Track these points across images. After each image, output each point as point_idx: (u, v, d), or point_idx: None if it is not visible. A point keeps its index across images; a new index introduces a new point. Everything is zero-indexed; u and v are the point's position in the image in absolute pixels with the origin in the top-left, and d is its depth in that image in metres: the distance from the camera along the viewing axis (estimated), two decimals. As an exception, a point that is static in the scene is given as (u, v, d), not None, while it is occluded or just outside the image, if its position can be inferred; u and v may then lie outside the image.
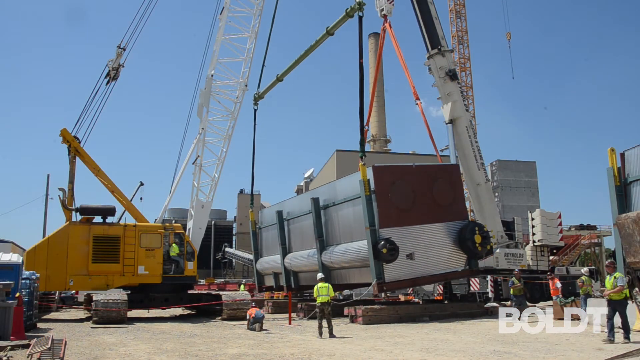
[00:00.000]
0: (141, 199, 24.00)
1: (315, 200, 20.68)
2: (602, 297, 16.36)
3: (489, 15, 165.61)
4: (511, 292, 18.21)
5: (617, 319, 14.69)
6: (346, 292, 30.81)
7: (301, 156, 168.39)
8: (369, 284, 18.37)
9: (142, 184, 23.69)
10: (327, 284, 14.02)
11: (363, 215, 17.92)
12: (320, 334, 13.56)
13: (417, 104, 22.28)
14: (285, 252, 23.56)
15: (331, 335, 13.51)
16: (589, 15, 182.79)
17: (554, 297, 17.96)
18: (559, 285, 17.96)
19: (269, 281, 26.74)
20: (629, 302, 12.57)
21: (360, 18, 19.08)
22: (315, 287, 14.04)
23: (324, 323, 13.65)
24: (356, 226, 18.95)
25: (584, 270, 19.07)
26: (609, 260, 13.63)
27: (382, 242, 17.45)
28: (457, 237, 19.55)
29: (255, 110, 27.74)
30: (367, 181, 17.77)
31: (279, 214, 23.72)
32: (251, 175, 28.28)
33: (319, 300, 13.66)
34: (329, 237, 20.63)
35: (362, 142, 18.54)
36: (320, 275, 14.86)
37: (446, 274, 19.76)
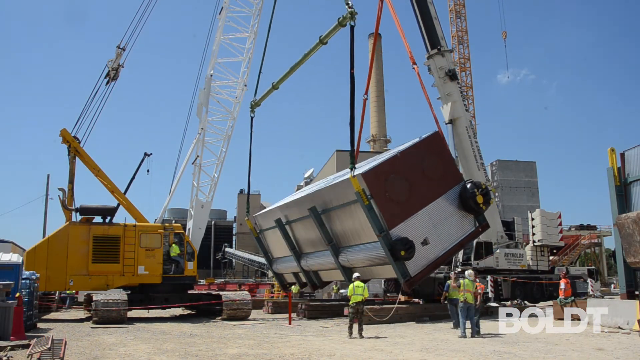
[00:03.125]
0: (148, 171, 23.51)
1: (314, 210, 20.25)
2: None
3: (490, 15, 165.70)
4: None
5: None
6: (343, 291, 30.79)
7: (301, 156, 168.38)
8: (394, 278, 18.39)
9: (148, 155, 23.38)
10: (363, 284, 13.90)
11: (369, 223, 17.71)
12: (350, 334, 13.39)
13: (413, 68, 22.22)
14: (297, 255, 23.24)
15: (361, 336, 13.31)
16: (588, 14, 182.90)
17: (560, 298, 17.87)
18: (562, 285, 17.87)
19: (290, 278, 26.61)
20: None
21: (352, 28, 18.59)
22: (351, 286, 13.92)
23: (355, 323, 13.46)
24: (362, 227, 18.68)
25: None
26: None
27: (398, 245, 17.41)
28: (459, 201, 19.70)
29: (252, 118, 26.86)
30: (362, 191, 17.53)
31: (279, 222, 23.44)
32: (247, 182, 28.16)
33: (353, 299, 13.49)
34: (338, 239, 20.37)
35: (352, 154, 18.06)
36: (356, 274, 14.79)
37: (461, 241, 19.86)
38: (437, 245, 18.96)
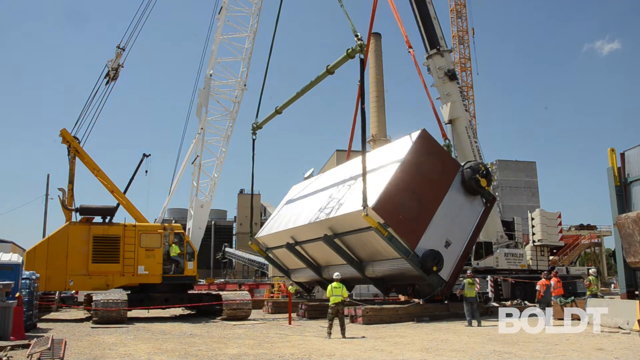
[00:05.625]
0: (146, 172, 23.66)
1: (327, 238, 19.99)
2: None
3: (490, 15, 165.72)
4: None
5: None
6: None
7: (301, 156, 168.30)
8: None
9: (147, 156, 23.51)
10: (340, 284, 13.78)
11: (394, 249, 17.76)
12: (329, 334, 13.34)
13: (409, 52, 22.11)
14: (316, 268, 23.09)
15: (343, 336, 13.29)
16: (589, 14, 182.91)
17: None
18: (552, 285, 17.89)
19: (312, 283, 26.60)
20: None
21: (362, 61, 18.32)
22: (329, 287, 13.82)
23: (335, 322, 13.44)
24: (383, 247, 18.47)
25: (592, 270, 19.02)
26: None
27: (428, 261, 17.62)
28: (463, 188, 19.87)
29: (253, 140, 26.67)
30: (378, 225, 17.32)
31: (288, 245, 23.10)
32: (250, 206, 27.72)
33: (332, 300, 13.44)
34: (359, 257, 20.35)
35: (365, 192, 17.33)
36: (336, 274, 14.64)
37: (478, 224, 20.11)
38: (459, 239, 19.18)
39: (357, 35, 18.41)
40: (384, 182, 18.39)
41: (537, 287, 15.84)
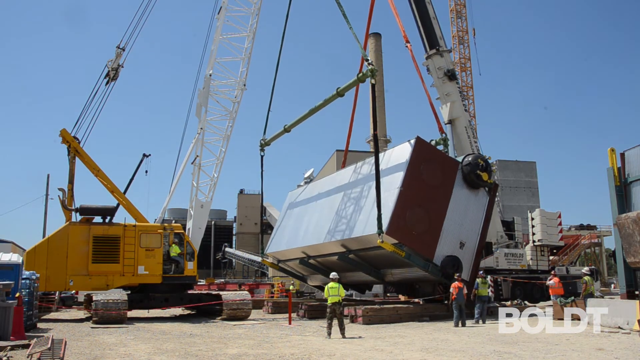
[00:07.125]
0: (146, 172, 23.58)
1: (343, 256, 20.08)
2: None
3: (490, 15, 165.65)
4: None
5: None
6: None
7: (301, 156, 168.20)
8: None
9: (146, 156, 23.50)
10: (337, 284, 13.75)
11: (414, 264, 18.00)
12: (329, 334, 13.34)
13: (407, 46, 22.19)
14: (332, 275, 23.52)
15: (343, 336, 13.28)
16: (589, 14, 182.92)
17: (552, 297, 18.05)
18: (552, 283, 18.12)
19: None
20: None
21: (373, 86, 18.26)
22: (326, 287, 13.79)
23: (335, 322, 13.42)
24: (396, 260, 18.48)
25: (585, 269, 19.01)
26: None
27: (447, 269, 17.81)
28: (466, 184, 19.95)
29: (262, 157, 26.78)
30: (394, 247, 17.32)
31: (303, 260, 23.20)
32: (260, 222, 27.81)
33: (330, 300, 13.41)
34: (375, 265, 20.43)
35: (379, 218, 17.16)
36: (333, 274, 14.59)
37: (486, 216, 20.16)
38: (472, 236, 19.28)
39: (367, 60, 18.38)
40: (390, 202, 18.10)
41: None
